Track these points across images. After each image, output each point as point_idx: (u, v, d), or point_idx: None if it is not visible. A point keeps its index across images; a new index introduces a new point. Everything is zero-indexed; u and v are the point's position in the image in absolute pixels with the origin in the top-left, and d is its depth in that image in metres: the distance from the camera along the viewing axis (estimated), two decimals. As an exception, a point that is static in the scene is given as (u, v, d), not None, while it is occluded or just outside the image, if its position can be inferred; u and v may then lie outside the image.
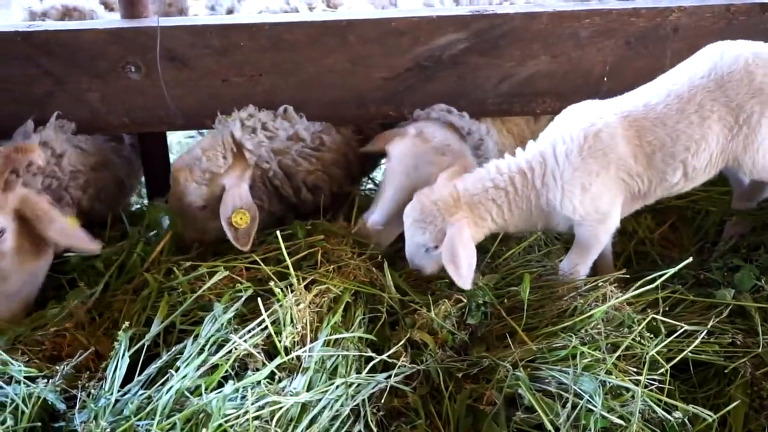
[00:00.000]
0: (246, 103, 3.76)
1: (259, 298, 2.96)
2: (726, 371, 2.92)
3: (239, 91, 3.77)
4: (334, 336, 2.93)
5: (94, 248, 3.34)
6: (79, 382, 2.82)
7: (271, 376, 2.79)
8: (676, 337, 2.91)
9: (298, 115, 3.80)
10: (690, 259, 3.00)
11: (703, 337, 2.94)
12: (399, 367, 2.86)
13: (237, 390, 2.67)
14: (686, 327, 2.92)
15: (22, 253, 3.31)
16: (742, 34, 3.76)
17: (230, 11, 4.53)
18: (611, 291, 3.06)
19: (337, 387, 2.71)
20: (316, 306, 3.07)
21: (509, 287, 3.34)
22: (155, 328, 3.07)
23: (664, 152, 3.13)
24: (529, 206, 3.22)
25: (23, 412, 2.67)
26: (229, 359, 2.79)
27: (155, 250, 3.52)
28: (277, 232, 3.16)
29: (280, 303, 2.96)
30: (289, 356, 2.83)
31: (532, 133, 3.93)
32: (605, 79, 3.84)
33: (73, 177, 3.70)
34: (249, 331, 2.89)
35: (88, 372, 2.92)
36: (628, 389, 2.71)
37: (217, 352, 2.84)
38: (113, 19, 4.02)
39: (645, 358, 2.81)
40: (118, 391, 2.74)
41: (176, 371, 2.75)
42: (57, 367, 2.89)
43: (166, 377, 2.76)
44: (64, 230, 3.30)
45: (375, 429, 2.69)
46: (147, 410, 2.61)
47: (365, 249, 3.47)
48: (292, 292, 3.04)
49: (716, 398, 2.90)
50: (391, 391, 2.82)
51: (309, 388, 2.71)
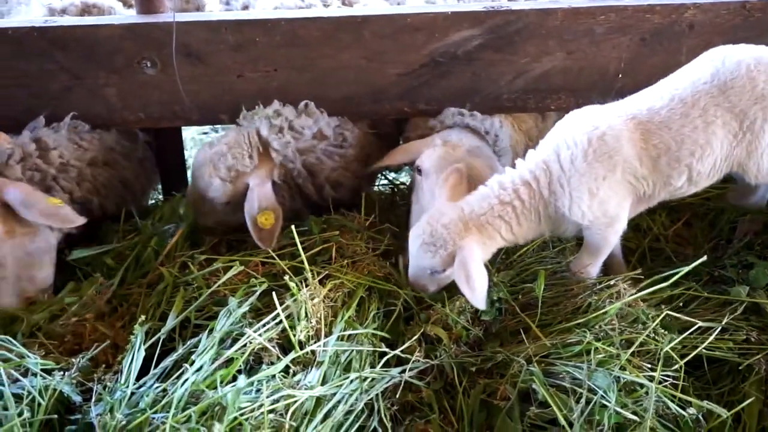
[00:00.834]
0: (261, 99, 3.77)
1: (273, 292, 2.98)
2: (740, 368, 2.92)
3: (254, 86, 3.78)
4: (349, 331, 2.94)
5: (78, 221, 3.34)
6: (96, 375, 2.84)
7: (286, 370, 2.80)
8: (690, 334, 2.91)
9: (319, 111, 3.81)
10: (704, 257, 3.01)
11: (717, 334, 2.94)
12: (413, 362, 2.88)
13: (252, 383, 2.68)
14: (700, 323, 2.91)
15: (13, 236, 3.33)
16: (758, 31, 3.78)
17: (245, 7, 4.55)
18: (624, 288, 3.06)
19: (352, 381, 2.73)
20: (331, 300, 3.09)
21: (524, 284, 3.35)
22: (170, 322, 3.09)
23: (669, 156, 3.11)
24: (537, 216, 3.17)
25: (39, 405, 2.68)
26: (243, 353, 2.80)
27: (170, 244, 3.55)
28: (292, 227, 3.16)
29: (294, 297, 2.98)
30: (304, 350, 2.84)
31: (539, 131, 3.95)
32: (620, 75, 3.84)
33: (62, 169, 3.68)
34: (264, 325, 2.91)
35: (104, 365, 2.94)
36: (642, 385, 2.72)
37: (231, 346, 2.85)
38: (129, 15, 4.04)
39: (659, 354, 2.82)
40: (134, 384, 2.75)
41: (191, 365, 2.76)
42: (74, 360, 2.91)
43: (181, 371, 2.78)
44: (45, 210, 3.30)
45: (389, 423, 2.70)
46: (162, 403, 2.62)
47: (380, 244, 3.48)
48: (306, 286, 3.05)
49: (730, 395, 2.91)
50: (405, 386, 2.84)
51: (323, 383, 2.73)
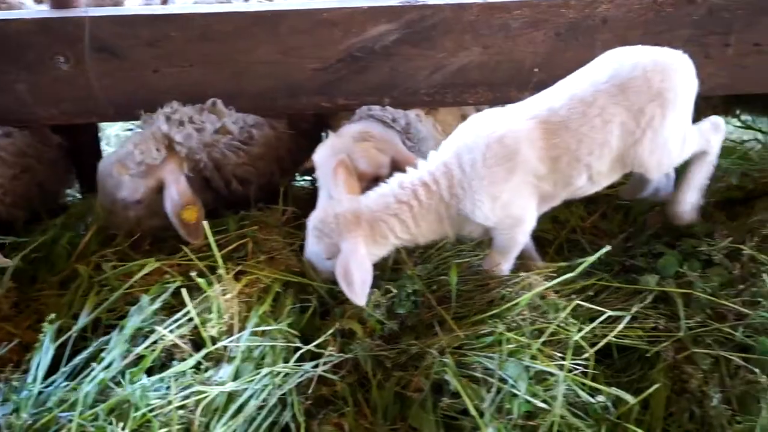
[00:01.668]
0: (177, 94, 3.73)
1: (183, 289, 2.96)
2: (648, 355, 2.97)
3: (170, 81, 3.74)
4: (263, 326, 2.93)
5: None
6: (2, 375, 2.79)
7: (197, 367, 2.79)
8: (600, 323, 2.96)
9: (228, 108, 3.78)
10: (608, 247, 3.07)
11: (626, 323, 2.99)
12: (327, 356, 2.88)
13: (162, 380, 2.66)
14: (609, 312, 2.97)
15: None
16: (669, 25, 3.86)
17: (164, 1, 4.50)
18: (536, 279, 3.10)
19: (264, 376, 2.72)
20: (246, 296, 3.08)
21: (440, 276, 3.37)
22: (82, 320, 3.05)
23: (569, 156, 3.14)
24: (438, 218, 3.17)
25: (-56, 407, 2.64)
26: (154, 350, 2.78)
27: (83, 242, 3.49)
28: (205, 223, 3.14)
29: (205, 294, 2.96)
30: (216, 346, 2.83)
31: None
32: (536, 69, 3.88)
33: None
34: (175, 322, 2.88)
35: (11, 365, 2.89)
36: (552, 374, 2.75)
37: (143, 343, 2.82)
38: (42, 9, 3.97)
39: (569, 343, 2.86)
40: (42, 383, 2.71)
41: (100, 362, 2.73)
42: (-22, 360, 2.87)
43: (91, 369, 2.74)
44: None
45: (302, 418, 2.69)
46: (70, 402, 2.59)
47: (297, 239, 3.47)
48: (219, 282, 3.03)
49: (639, 382, 2.95)
50: (320, 380, 2.83)
51: (235, 378, 2.72)
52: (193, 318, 2.89)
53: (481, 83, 3.89)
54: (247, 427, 2.60)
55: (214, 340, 2.86)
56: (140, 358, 2.77)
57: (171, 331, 2.84)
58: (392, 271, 3.36)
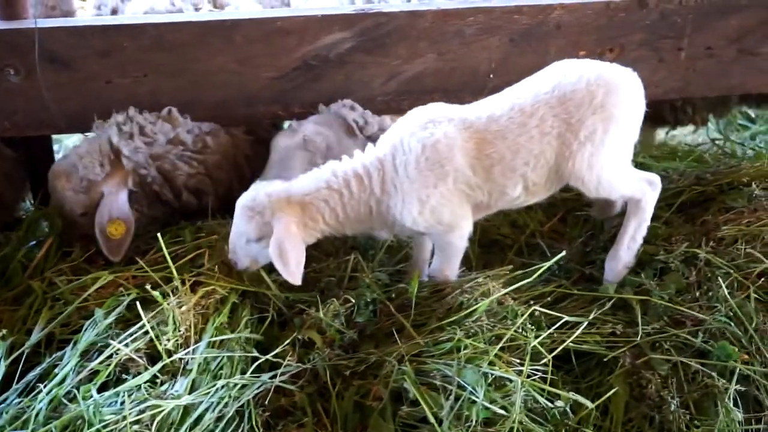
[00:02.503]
0: (131, 105, 3.69)
1: (137, 302, 2.93)
2: (606, 360, 2.98)
3: (124, 92, 3.70)
4: (219, 337, 2.91)
5: None
6: (-47, 394, 2.75)
7: (153, 380, 2.75)
8: (558, 329, 2.97)
9: (183, 116, 3.75)
10: (563, 253, 3.10)
11: (585, 329, 3.00)
12: (285, 367, 2.85)
13: (117, 395, 2.63)
14: (566, 318, 2.98)
15: None
16: (622, 30, 3.90)
17: (114, 11, 4.46)
18: (494, 286, 3.10)
19: (221, 388, 2.69)
20: (202, 308, 3.05)
21: (399, 284, 3.36)
22: (35, 336, 3.00)
23: (503, 165, 3.13)
24: (368, 211, 3.16)
25: None
26: (109, 364, 2.74)
27: (38, 257, 3.45)
28: (158, 235, 3.11)
29: (160, 306, 2.93)
30: (171, 359, 2.80)
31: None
32: (491, 76, 3.90)
33: None
34: (130, 335, 2.85)
35: (-38, 382, 2.85)
36: (511, 380, 2.75)
37: (97, 357, 2.79)
38: (-10, 21, 3.92)
39: (527, 349, 2.86)
40: (-6, 400, 2.68)
41: (53, 378, 2.69)
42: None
43: (44, 385, 2.70)
44: None
45: (261, 429, 2.67)
46: (23, 419, 2.55)
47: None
48: (175, 294, 3.00)
49: (598, 387, 2.95)
50: (278, 391, 2.81)
51: (192, 391, 2.69)
52: (148, 331, 2.86)
53: (436, 90, 3.90)
54: (205, 441, 2.58)
55: (170, 353, 2.83)
56: (94, 373, 2.74)
57: (126, 345, 2.81)
58: (350, 279, 3.34)
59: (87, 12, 4.93)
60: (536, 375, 2.81)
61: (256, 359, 2.87)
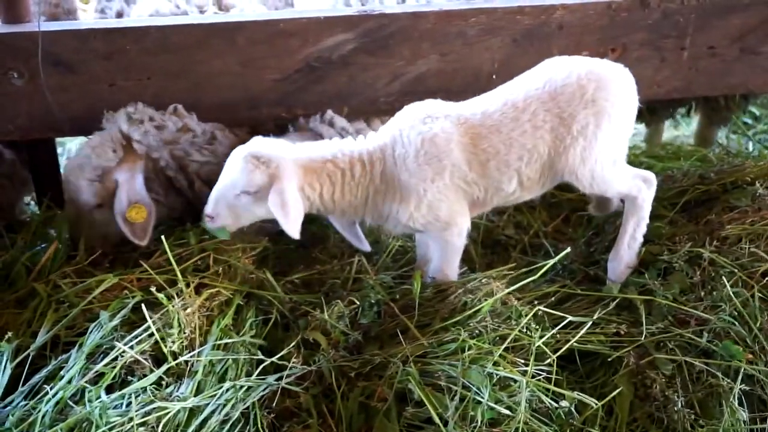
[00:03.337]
0: (135, 107, 3.71)
1: (143, 304, 2.93)
2: (610, 360, 2.99)
3: (128, 95, 3.70)
4: (224, 339, 2.91)
5: None
6: (-41, 397, 2.75)
7: (159, 382, 2.76)
8: (562, 329, 2.97)
9: (189, 114, 3.76)
10: (568, 250, 3.09)
11: (589, 329, 3.00)
12: (290, 368, 2.86)
13: (122, 397, 2.63)
14: (570, 318, 2.98)
15: None
16: (624, 30, 3.91)
17: (119, 15, 4.46)
18: (498, 286, 3.10)
19: (226, 390, 2.70)
20: (207, 310, 3.05)
21: (403, 285, 3.37)
22: (41, 338, 3.01)
23: (498, 160, 3.15)
24: (363, 198, 3.19)
25: None
26: (114, 367, 2.75)
27: (43, 260, 3.45)
28: (162, 237, 3.12)
29: (165, 308, 2.93)
30: (177, 361, 2.80)
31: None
32: (494, 76, 3.90)
33: None
34: (135, 337, 2.85)
35: (-33, 385, 2.85)
36: (515, 380, 2.76)
37: (103, 360, 2.79)
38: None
39: (532, 349, 2.87)
40: (0, 403, 2.68)
41: (59, 380, 2.70)
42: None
43: (50, 387, 2.71)
44: None
45: (266, 431, 2.67)
46: (29, 421, 2.55)
47: (255, 250, 3.46)
48: (180, 296, 3.01)
49: (603, 387, 2.96)
50: (284, 393, 2.81)
51: (197, 393, 2.70)
52: (153, 333, 2.86)
53: (439, 90, 3.89)
54: (210, 443, 2.59)
55: (175, 355, 2.83)
56: (100, 375, 2.74)
57: (131, 347, 2.81)
58: (354, 281, 3.35)
59: (88, 15, 4.93)
60: (541, 375, 2.81)
61: (261, 361, 2.87)
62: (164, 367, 2.78)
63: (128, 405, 2.62)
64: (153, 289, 2.99)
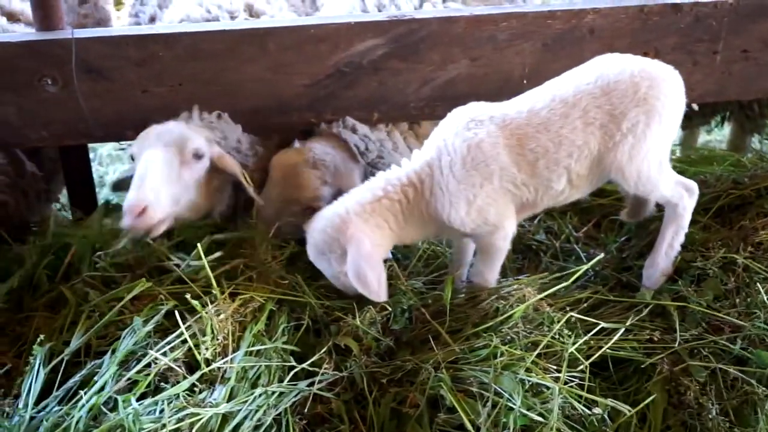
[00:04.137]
0: (167, 114, 3.71)
1: (176, 310, 2.94)
2: (643, 366, 2.96)
3: (160, 101, 3.74)
4: (257, 346, 2.92)
5: None
6: (-7, 402, 2.78)
7: (192, 389, 2.77)
8: (594, 335, 2.96)
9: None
10: (602, 255, 3.07)
11: (622, 335, 2.99)
12: (322, 374, 2.86)
13: (156, 403, 2.65)
14: (603, 324, 2.97)
15: None
16: (656, 34, 3.88)
17: (153, 19, 4.51)
18: (530, 292, 3.09)
19: (259, 396, 2.71)
20: (240, 316, 3.06)
21: (435, 290, 3.36)
22: (75, 343, 3.03)
23: (547, 159, 3.13)
24: (421, 217, 3.17)
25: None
26: (148, 373, 2.76)
27: (64, 265, 3.47)
28: (198, 245, 3.13)
29: (199, 314, 2.95)
30: (210, 367, 2.81)
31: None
32: (525, 81, 3.89)
33: None
34: (168, 344, 2.87)
35: (2, 390, 2.87)
36: (548, 387, 2.74)
37: (136, 366, 2.81)
38: (27, 32, 3.97)
39: (564, 355, 2.85)
40: (33, 408, 2.70)
41: (92, 386, 2.72)
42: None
43: (83, 392, 2.73)
44: None
45: (298, 437, 2.69)
46: (63, 427, 2.57)
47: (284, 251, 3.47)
48: (213, 303, 3.02)
49: (636, 395, 2.93)
50: (315, 398, 2.82)
51: (230, 399, 2.70)
52: (186, 340, 2.87)
53: (469, 95, 3.85)
54: (243, 449, 2.59)
55: (208, 362, 2.84)
56: (133, 381, 2.75)
57: (164, 354, 2.82)
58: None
59: (122, 20, 4.99)
60: (573, 382, 2.80)
61: (293, 367, 2.88)
62: (197, 373, 2.79)
63: (161, 411, 2.63)
64: (188, 296, 3.00)
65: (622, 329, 3.01)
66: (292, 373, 2.85)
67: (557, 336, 2.93)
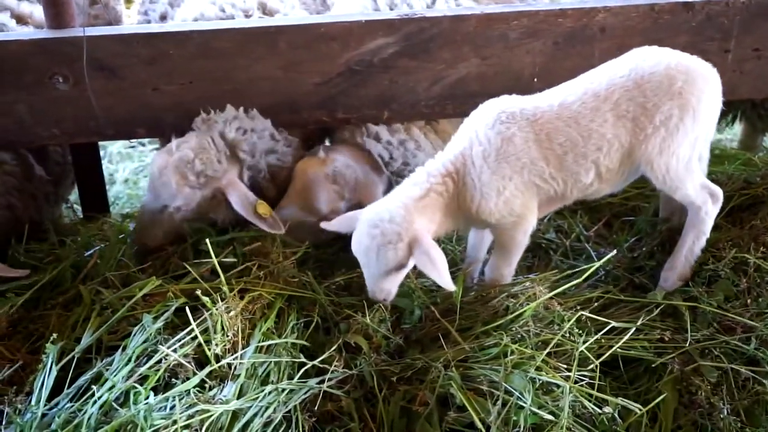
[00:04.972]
0: (178, 112, 3.74)
1: (187, 307, 2.95)
2: (654, 366, 2.96)
3: (170, 99, 3.74)
4: (266, 342, 2.92)
5: None
6: (6, 398, 2.78)
7: (202, 385, 2.78)
8: (605, 334, 2.96)
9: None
10: (614, 252, 3.07)
11: (632, 335, 2.98)
12: (332, 372, 2.86)
13: (166, 399, 2.65)
14: (614, 324, 2.97)
15: None
16: (668, 32, 3.85)
17: (163, 17, 4.51)
18: (540, 291, 3.08)
19: (269, 393, 2.71)
20: (249, 313, 3.06)
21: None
22: (86, 340, 3.03)
23: (575, 152, 3.13)
24: (455, 207, 3.17)
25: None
26: (158, 370, 2.77)
27: (89, 265, 3.49)
28: (207, 241, 3.14)
29: (209, 311, 2.95)
30: (220, 364, 2.82)
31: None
32: (535, 80, 3.88)
33: None
34: (178, 340, 2.87)
35: (14, 386, 2.87)
36: (558, 385, 2.74)
37: (147, 363, 2.82)
38: (38, 30, 3.98)
39: (575, 354, 2.85)
40: (46, 404, 2.71)
41: (104, 383, 2.72)
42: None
43: (96, 389, 2.74)
44: None
45: (308, 434, 2.69)
46: (74, 423, 2.58)
47: (297, 249, 3.47)
48: (222, 300, 3.02)
49: (647, 394, 2.94)
50: (325, 396, 2.82)
51: (240, 396, 2.71)
52: (197, 336, 2.88)
53: (480, 94, 3.85)
54: (253, 445, 2.60)
55: (218, 358, 2.85)
56: (144, 377, 2.76)
57: (174, 350, 2.83)
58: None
59: (132, 19, 4.98)
60: (584, 380, 2.80)
61: (303, 364, 2.88)
62: (207, 369, 2.80)
63: (172, 408, 2.64)
64: (198, 293, 3.00)
65: (633, 329, 3.01)
66: (302, 370, 2.85)
67: (568, 335, 2.93)
